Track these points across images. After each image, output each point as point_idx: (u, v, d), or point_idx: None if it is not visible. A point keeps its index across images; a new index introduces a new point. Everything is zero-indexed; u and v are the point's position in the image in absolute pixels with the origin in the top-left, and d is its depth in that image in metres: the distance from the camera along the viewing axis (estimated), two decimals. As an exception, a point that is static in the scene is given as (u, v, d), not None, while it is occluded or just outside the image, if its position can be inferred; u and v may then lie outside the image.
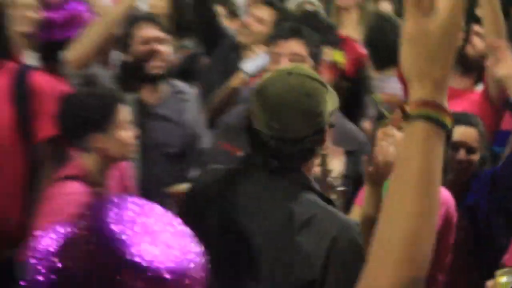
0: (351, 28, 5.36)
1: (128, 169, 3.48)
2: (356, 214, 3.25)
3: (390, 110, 3.36)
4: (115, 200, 1.15)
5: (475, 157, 3.73)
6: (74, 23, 3.74)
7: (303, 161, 2.35)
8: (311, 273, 2.21)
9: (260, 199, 2.34)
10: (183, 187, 3.18)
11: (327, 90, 2.41)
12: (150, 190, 3.37)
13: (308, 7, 5.24)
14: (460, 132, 3.62)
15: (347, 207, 3.15)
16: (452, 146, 3.60)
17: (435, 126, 1.14)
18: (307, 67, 3.06)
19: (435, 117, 1.14)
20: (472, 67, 4.39)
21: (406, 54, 1.14)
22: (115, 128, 3.13)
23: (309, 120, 2.31)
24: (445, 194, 3.27)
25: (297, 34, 3.53)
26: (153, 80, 3.84)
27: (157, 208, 1.18)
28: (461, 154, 3.69)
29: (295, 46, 3.44)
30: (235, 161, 2.70)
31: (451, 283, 3.71)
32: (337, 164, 3.06)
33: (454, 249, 3.59)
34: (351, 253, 2.23)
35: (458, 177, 3.70)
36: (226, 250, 2.28)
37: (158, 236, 1.11)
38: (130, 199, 1.17)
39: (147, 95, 3.83)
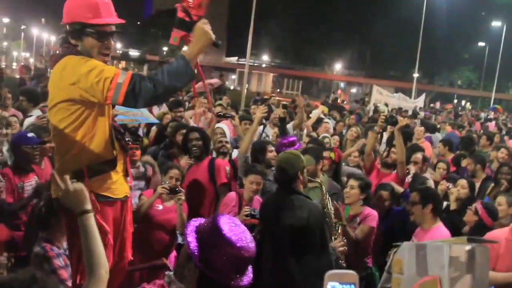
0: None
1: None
2: (360, 228, 5.57)
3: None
4: (226, 216, 2.38)
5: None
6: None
7: (295, 184, 4.56)
8: (303, 223, 4.34)
9: (283, 201, 4.54)
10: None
11: (300, 157, 4.64)
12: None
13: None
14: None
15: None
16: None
17: None
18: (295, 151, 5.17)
19: None
20: (391, 165, 7.16)
21: None
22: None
23: (290, 170, 4.52)
24: (375, 215, 5.62)
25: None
26: None
27: (241, 224, 2.37)
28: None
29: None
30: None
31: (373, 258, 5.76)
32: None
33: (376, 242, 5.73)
34: (318, 215, 4.46)
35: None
36: (273, 223, 4.54)
37: (240, 232, 2.30)
38: (231, 218, 2.39)
39: None
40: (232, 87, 55.16)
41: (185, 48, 3.42)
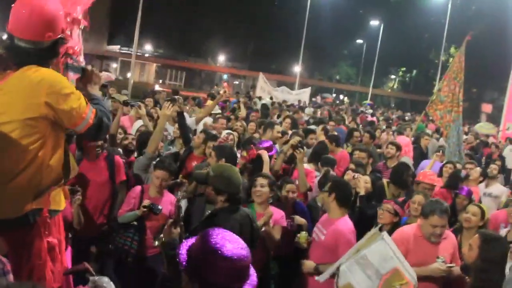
0: None
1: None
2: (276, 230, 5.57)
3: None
4: (213, 231, 2.36)
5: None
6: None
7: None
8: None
9: (243, 216, 4.39)
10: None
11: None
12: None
13: None
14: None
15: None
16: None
17: None
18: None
19: None
20: None
21: None
22: None
23: (238, 182, 4.40)
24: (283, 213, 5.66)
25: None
26: None
27: (229, 233, 2.38)
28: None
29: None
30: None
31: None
32: None
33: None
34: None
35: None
36: None
37: (229, 241, 2.29)
38: (219, 231, 2.37)
39: None
40: (114, 77, 53.62)
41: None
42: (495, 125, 22.46)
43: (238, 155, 6.74)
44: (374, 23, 57.74)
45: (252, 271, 2.38)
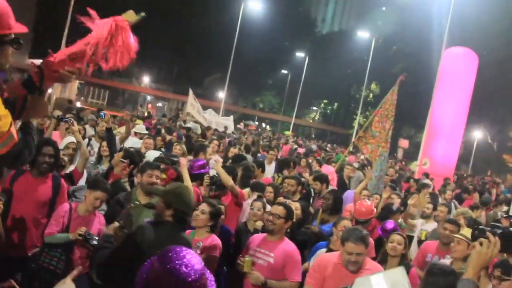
0: None
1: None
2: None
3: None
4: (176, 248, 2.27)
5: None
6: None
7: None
8: None
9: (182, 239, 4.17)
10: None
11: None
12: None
13: None
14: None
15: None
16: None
17: None
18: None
19: None
20: None
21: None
22: None
23: (190, 203, 4.41)
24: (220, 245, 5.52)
25: None
26: None
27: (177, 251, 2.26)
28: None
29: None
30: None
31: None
32: None
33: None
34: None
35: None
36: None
37: (191, 261, 2.22)
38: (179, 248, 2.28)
39: None
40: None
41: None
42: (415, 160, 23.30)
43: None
44: (300, 55, 58.95)
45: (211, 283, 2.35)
